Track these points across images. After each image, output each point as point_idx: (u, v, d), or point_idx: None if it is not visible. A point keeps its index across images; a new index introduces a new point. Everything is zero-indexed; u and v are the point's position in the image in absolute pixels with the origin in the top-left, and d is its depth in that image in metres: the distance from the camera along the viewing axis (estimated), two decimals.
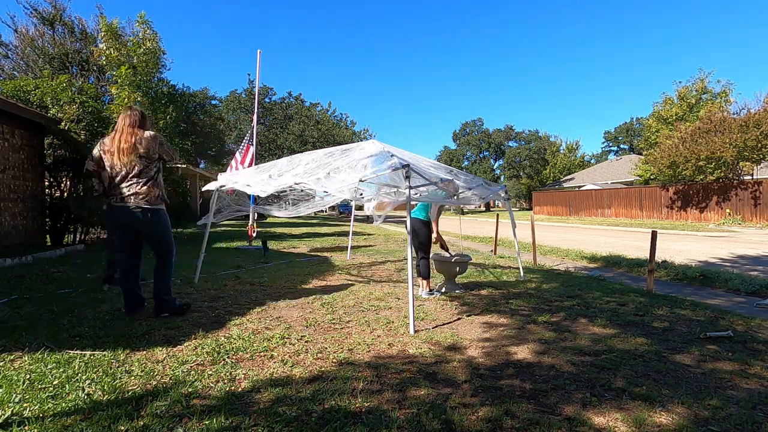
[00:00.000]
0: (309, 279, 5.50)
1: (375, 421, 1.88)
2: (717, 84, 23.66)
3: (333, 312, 3.81)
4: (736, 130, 16.98)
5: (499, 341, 3.06)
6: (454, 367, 2.54)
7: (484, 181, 5.27)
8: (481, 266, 6.85)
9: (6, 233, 6.87)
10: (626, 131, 62.07)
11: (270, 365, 2.51)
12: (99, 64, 12.91)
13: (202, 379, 2.28)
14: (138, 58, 10.11)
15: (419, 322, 3.52)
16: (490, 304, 4.18)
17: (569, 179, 39.44)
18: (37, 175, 7.80)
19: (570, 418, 1.94)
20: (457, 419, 1.90)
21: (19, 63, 16.59)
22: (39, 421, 1.80)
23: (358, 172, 3.76)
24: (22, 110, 7.21)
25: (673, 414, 2.00)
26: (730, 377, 2.45)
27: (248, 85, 32.46)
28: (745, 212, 17.20)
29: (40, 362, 2.44)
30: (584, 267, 7.13)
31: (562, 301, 4.30)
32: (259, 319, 3.53)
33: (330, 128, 31.10)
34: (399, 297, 4.45)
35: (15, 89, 8.38)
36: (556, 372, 2.48)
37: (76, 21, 16.78)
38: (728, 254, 8.54)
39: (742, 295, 4.95)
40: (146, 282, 3.83)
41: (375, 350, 2.83)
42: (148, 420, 1.83)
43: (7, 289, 4.36)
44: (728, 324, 3.53)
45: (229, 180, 5.06)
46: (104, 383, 2.18)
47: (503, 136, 60.70)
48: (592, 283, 5.47)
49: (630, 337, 3.15)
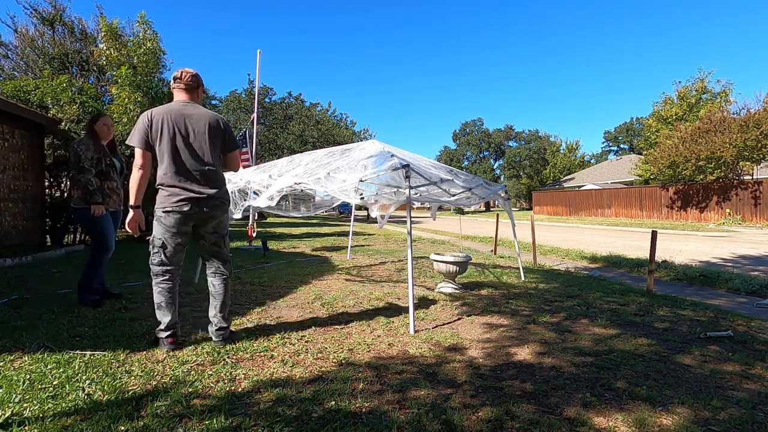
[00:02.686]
0: (309, 279, 5.49)
1: (375, 421, 1.87)
2: (717, 84, 23.72)
3: (333, 312, 3.80)
4: (736, 130, 16.98)
5: (499, 341, 3.05)
6: (454, 368, 2.53)
7: (484, 181, 5.27)
8: (481, 266, 6.85)
9: (6, 233, 6.86)
10: (626, 131, 62.07)
11: (270, 365, 2.51)
12: (99, 64, 12.89)
13: (202, 379, 2.28)
14: (138, 58, 10.09)
15: (419, 322, 3.51)
16: (491, 304, 4.17)
17: (569, 179, 39.45)
18: (37, 175, 7.79)
19: (571, 419, 1.94)
20: (457, 420, 1.90)
21: (19, 63, 16.58)
22: (39, 421, 1.80)
23: (359, 172, 3.75)
24: (23, 110, 7.21)
25: (674, 414, 2.00)
26: (731, 377, 2.45)
27: (248, 85, 32.45)
28: (745, 212, 17.20)
29: (40, 362, 2.43)
30: (584, 267, 7.13)
31: (562, 302, 4.30)
32: (259, 319, 3.52)
33: (330, 128, 31.07)
34: (399, 297, 4.45)
35: (15, 89, 8.38)
36: (556, 372, 2.48)
37: (76, 21, 16.76)
38: (729, 254, 8.53)
39: (743, 295, 4.95)
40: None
41: (375, 350, 2.83)
42: (149, 420, 1.83)
43: (7, 289, 4.36)
44: (729, 324, 3.53)
45: (228, 180, 5.05)
46: (104, 383, 2.18)
47: (503, 136, 60.70)
48: (593, 283, 5.46)
49: (631, 337, 3.15)
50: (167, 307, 2.72)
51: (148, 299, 3.58)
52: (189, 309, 3.79)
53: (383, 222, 3.86)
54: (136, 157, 2.65)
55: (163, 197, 2.66)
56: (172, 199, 2.64)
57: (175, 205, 2.63)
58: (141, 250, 8.39)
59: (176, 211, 2.64)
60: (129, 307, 3.78)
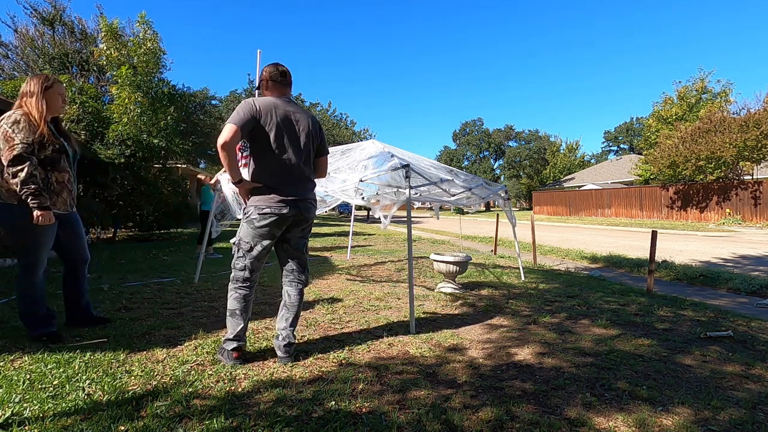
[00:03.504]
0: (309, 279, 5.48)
1: (375, 421, 1.87)
2: (717, 84, 23.73)
3: (333, 312, 3.80)
4: (736, 130, 16.98)
5: (500, 341, 3.05)
6: (454, 368, 2.53)
7: (484, 181, 5.26)
8: (481, 266, 6.85)
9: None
10: (626, 131, 62.04)
11: (270, 365, 2.51)
12: (99, 64, 12.90)
13: (203, 379, 2.28)
14: (138, 58, 10.10)
15: (419, 322, 3.51)
16: (491, 304, 4.17)
17: (569, 179, 39.44)
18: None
19: (571, 419, 1.94)
20: (457, 420, 1.90)
21: (19, 63, 16.58)
22: (39, 421, 1.80)
23: (359, 172, 3.75)
24: None
25: (674, 415, 2.00)
26: (732, 378, 2.45)
27: (248, 85, 32.44)
28: (745, 212, 17.20)
29: (40, 362, 2.43)
30: (585, 267, 7.13)
31: (562, 302, 4.29)
32: (259, 319, 3.52)
33: (330, 128, 31.03)
34: (399, 297, 4.45)
35: (15, 89, 8.38)
36: (557, 373, 2.48)
37: (76, 21, 16.77)
38: (729, 254, 8.53)
39: (743, 295, 4.95)
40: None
41: (375, 350, 2.82)
42: (149, 420, 1.83)
43: (7, 289, 4.35)
44: (729, 324, 3.53)
45: (228, 180, 5.05)
46: (104, 383, 2.17)
47: (503, 136, 60.71)
48: (593, 283, 5.46)
49: (631, 337, 3.15)
50: (241, 314, 2.52)
51: (148, 299, 3.58)
52: (189, 309, 3.79)
53: (387, 222, 3.83)
54: (225, 132, 2.29)
55: (261, 197, 2.46)
56: (272, 200, 2.45)
57: (275, 206, 2.45)
58: (141, 251, 8.40)
59: (274, 213, 2.45)
60: (129, 307, 3.78)
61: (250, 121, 2.38)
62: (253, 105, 2.41)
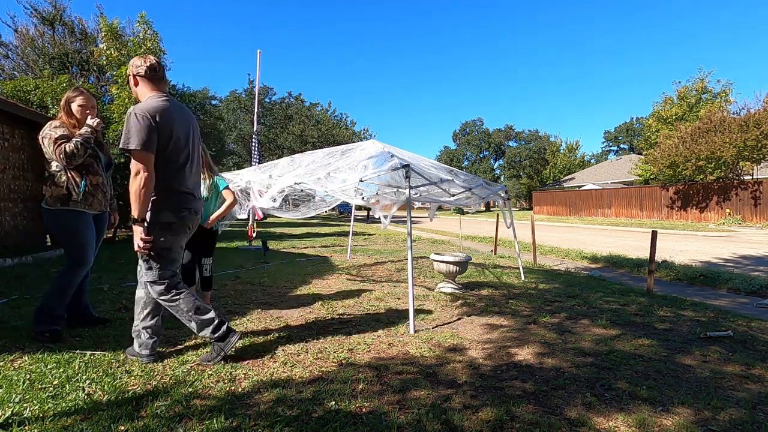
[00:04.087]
0: (309, 279, 5.49)
1: (375, 421, 1.87)
2: (717, 84, 23.70)
3: (333, 312, 3.80)
4: (736, 130, 16.98)
5: (500, 342, 3.05)
6: (454, 368, 2.53)
7: (484, 181, 5.27)
8: (481, 266, 6.85)
9: (6, 233, 6.86)
10: (626, 131, 62.02)
11: (270, 365, 2.51)
12: (99, 64, 12.89)
13: (202, 379, 2.28)
14: None
15: (419, 322, 3.51)
16: (491, 304, 4.17)
17: (569, 179, 39.42)
18: (37, 175, 7.79)
19: (571, 419, 1.94)
20: (457, 420, 1.89)
21: (19, 63, 16.60)
22: (39, 421, 1.80)
23: (359, 172, 3.75)
24: (23, 110, 7.21)
25: (674, 415, 2.00)
26: (732, 378, 2.45)
27: (248, 85, 32.45)
28: (745, 212, 17.19)
29: (40, 362, 2.43)
30: (585, 267, 7.13)
31: (562, 302, 4.29)
32: (259, 319, 3.52)
33: (330, 128, 31.06)
34: (399, 297, 4.45)
35: (15, 89, 8.39)
36: (557, 373, 2.48)
37: (76, 21, 16.78)
38: (729, 254, 8.53)
39: (743, 295, 4.95)
40: None
41: (375, 350, 2.82)
42: (149, 420, 1.83)
43: (7, 289, 4.36)
44: (729, 324, 3.53)
45: (231, 180, 5.05)
46: (104, 383, 2.18)
47: (503, 136, 60.68)
48: (593, 283, 5.46)
49: (631, 337, 3.15)
50: (203, 307, 2.51)
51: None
52: None
53: (387, 222, 3.83)
54: (139, 161, 2.26)
55: (174, 203, 2.43)
56: (186, 204, 2.47)
57: (186, 209, 2.47)
58: None
59: (187, 217, 2.48)
60: (129, 307, 3.77)
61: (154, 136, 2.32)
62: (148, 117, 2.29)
